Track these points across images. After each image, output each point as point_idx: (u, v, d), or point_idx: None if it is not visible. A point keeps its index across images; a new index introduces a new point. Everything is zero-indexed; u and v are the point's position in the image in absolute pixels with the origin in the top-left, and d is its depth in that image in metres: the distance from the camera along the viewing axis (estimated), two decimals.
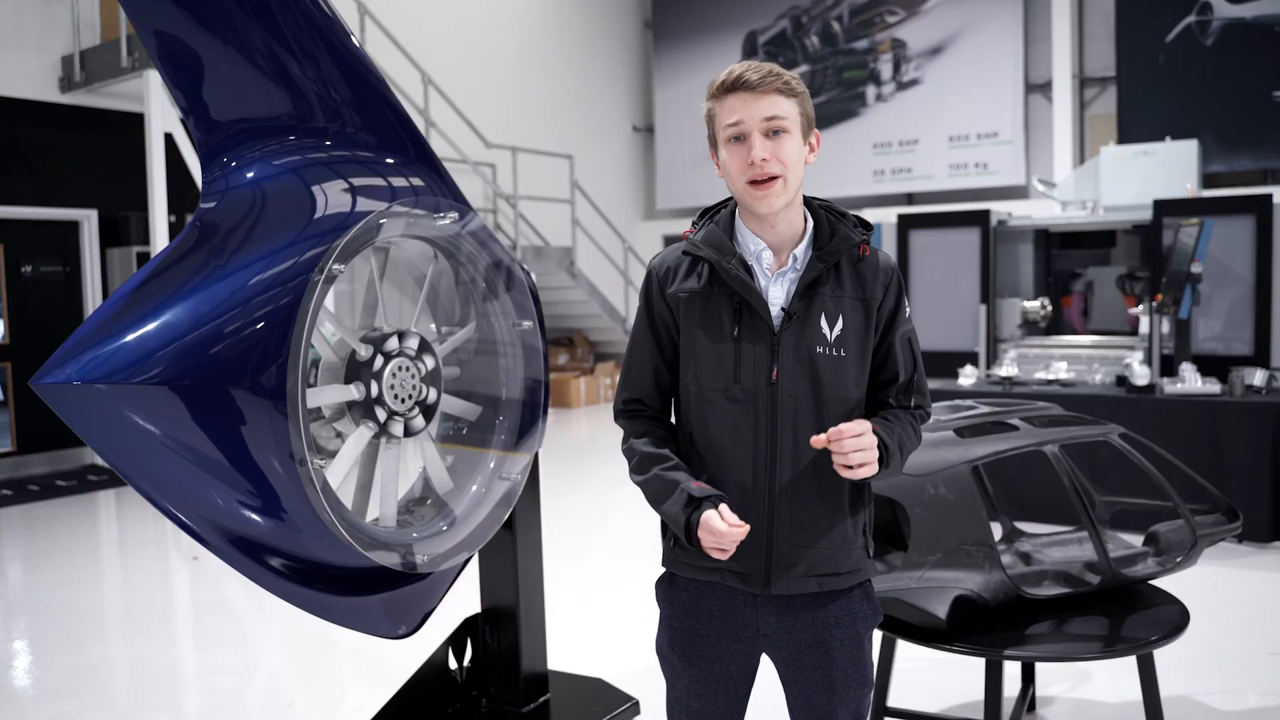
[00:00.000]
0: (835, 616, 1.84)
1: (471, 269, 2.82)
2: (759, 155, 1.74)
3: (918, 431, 1.89)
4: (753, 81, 1.74)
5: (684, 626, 1.88)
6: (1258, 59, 11.18)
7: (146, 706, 3.79)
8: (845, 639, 1.84)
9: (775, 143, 1.75)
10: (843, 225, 1.86)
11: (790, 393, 1.77)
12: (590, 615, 4.60)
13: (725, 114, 1.77)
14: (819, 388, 1.78)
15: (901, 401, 1.87)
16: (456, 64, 12.08)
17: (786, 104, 1.76)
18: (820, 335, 1.78)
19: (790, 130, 1.77)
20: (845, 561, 1.83)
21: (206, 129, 2.35)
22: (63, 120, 8.66)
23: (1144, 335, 7.33)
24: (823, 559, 1.81)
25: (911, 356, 1.88)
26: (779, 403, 1.77)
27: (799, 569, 1.80)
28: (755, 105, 1.74)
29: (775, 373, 1.77)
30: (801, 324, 1.78)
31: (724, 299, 1.81)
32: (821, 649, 1.84)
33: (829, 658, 1.84)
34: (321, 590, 2.39)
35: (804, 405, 1.78)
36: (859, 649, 1.87)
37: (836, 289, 1.81)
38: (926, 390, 1.91)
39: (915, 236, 8.34)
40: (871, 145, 13.77)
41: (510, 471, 2.87)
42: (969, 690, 3.57)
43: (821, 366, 1.78)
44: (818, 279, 1.80)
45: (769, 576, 1.80)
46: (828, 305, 1.79)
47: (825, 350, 1.78)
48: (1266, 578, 4.88)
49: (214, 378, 2.11)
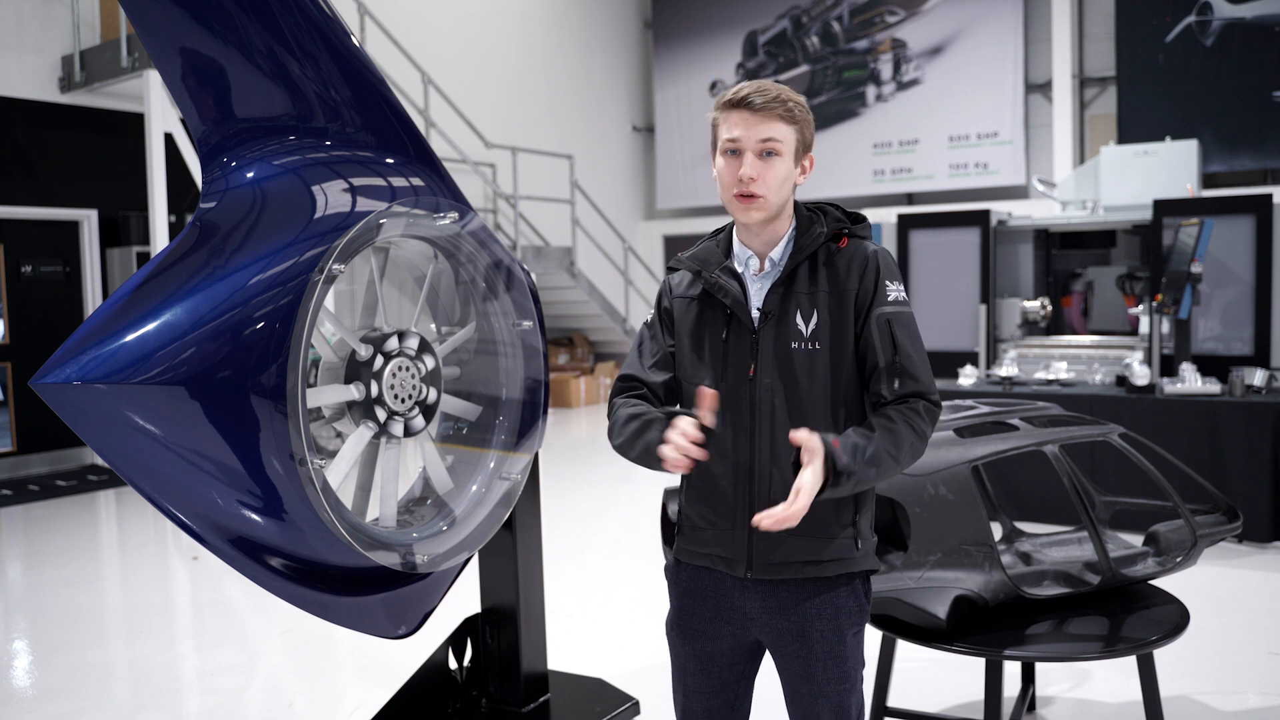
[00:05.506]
0: (817, 608, 1.90)
1: (471, 269, 2.82)
2: (747, 174, 1.84)
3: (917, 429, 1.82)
4: (756, 104, 1.84)
5: (684, 606, 2.01)
6: (1258, 59, 11.18)
7: (146, 706, 3.79)
8: (825, 631, 1.90)
9: (765, 164, 1.85)
10: (819, 221, 1.92)
11: (769, 389, 1.87)
12: (590, 615, 4.60)
13: (726, 128, 1.87)
14: (796, 382, 1.87)
15: (888, 389, 1.84)
16: (457, 64, 12.08)
17: (785, 129, 1.85)
18: (795, 331, 1.87)
19: (783, 154, 1.86)
20: (826, 550, 1.89)
21: (207, 129, 2.35)
22: (63, 120, 8.66)
23: (1144, 335, 7.34)
24: (801, 547, 1.87)
25: (891, 339, 1.85)
26: (758, 398, 1.87)
27: (777, 555, 1.88)
28: (755, 127, 1.84)
29: (753, 370, 1.87)
30: (777, 321, 1.88)
31: (716, 306, 1.94)
32: (802, 638, 1.91)
33: (809, 648, 1.91)
34: (321, 590, 2.40)
35: (780, 400, 1.87)
36: (839, 643, 1.91)
37: (812, 285, 1.89)
38: (921, 375, 1.85)
39: (915, 236, 8.34)
40: (871, 145, 13.77)
41: (510, 471, 2.87)
42: (969, 690, 3.57)
43: (797, 361, 1.87)
44: (792, 276, 1.90)
45: (750, 560, 1.89)
46: (802, 301, 1.88)
47: (800, 345, 1.87)
48: (1266, 578, 4.88)
49: (214, 378, 2.11)
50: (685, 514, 1.99)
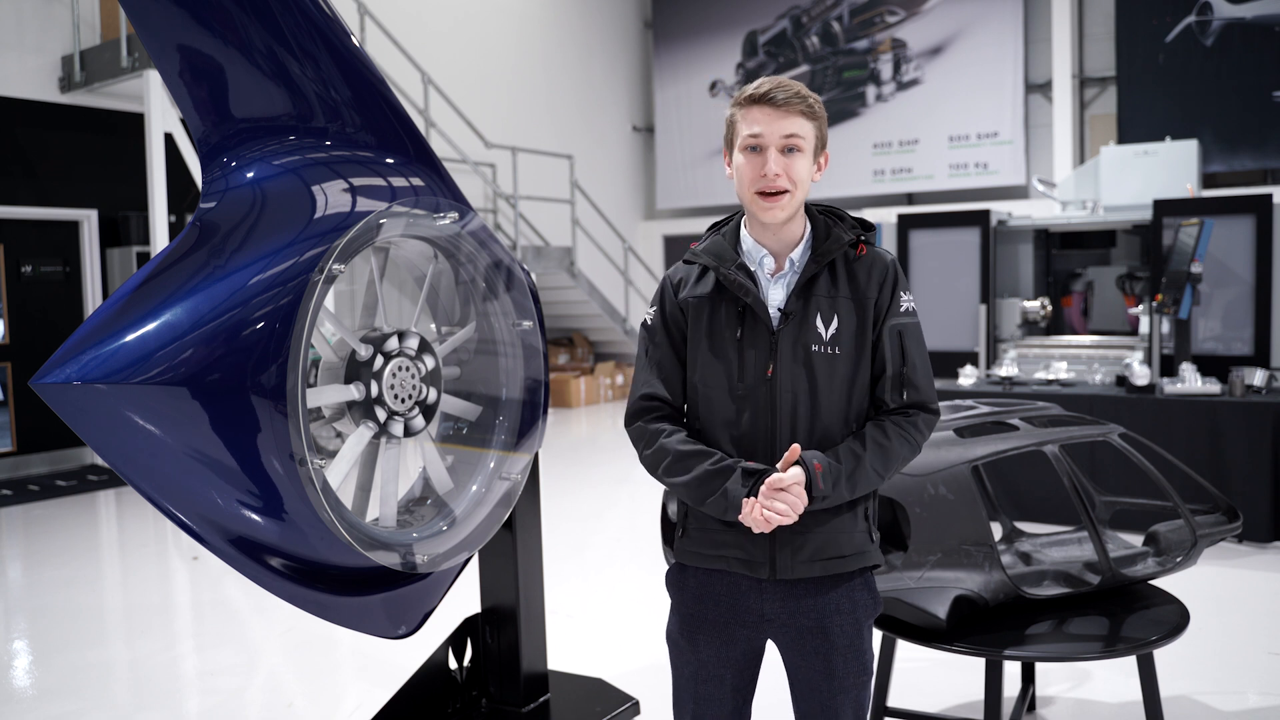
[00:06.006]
0: (836, 603, 1.91)
1: (471, 269, 2.82)
2: (773, 170, 1.84)
3: (909, 440, 1.90)
4: (779, 100, 1.84)
5: (693, 612, 1.97)
6: (1258, 59, 11.18)
7: (146, 706, 3.79)
8: (845, 625, 1.91)
9: (789, 160, 1.85)
10: (839, 227, 1.94)
11: (788, 389, 1.87)
12: (590, 615, 4.60)
13: (747, 124, 1.87)
14: (815, 384, 1.87)
15: (893, 398, 1.91)
16: (457, 64, 12.08)
17: (806, 125, 1.86)
18: (816, 334, 1.88)
19: (804, 150, 1.87)
20: (849, 544, 1.90)
21: (207, 129, 2.35)
22: (63, 120, 8.66)
23: (1144, 335, 7.34)
24: (826, 543, 1.88)
25: (901, 350, 1.91)
26: (778, 399, 1.87)
27: (804, 554, 1.87)
28: (778, 122, 1.84)
29: (771, 370, 1.87)
30: (798, 323, 1.88)
31: (729, 303, 1.91)
32: (822, 634, 1.90)
33: (830, 643, 1.90)
34: (321, 590, 2.40)
35: (802, 400, 1.87)
36: (859, 637, 1.93)
37: (832, 289, 1.90)
38: (924, 386, 1.93)
39: (915, 236, 8.34)
40: (871, 145, 13.77)
41: (510, 471, 2.87)
42: (969, 690, 3.57)
43: (818, 364, 1.87)
44: (813, 279, 1.90)
45: (774, 562, 1.88)
46: (823, 305, 1.89)
47: (821, 349, 1.87)
48: (1266, 578, 4.88)
49: (214, 378, 2.11)
50: (695, 516, 1.94)
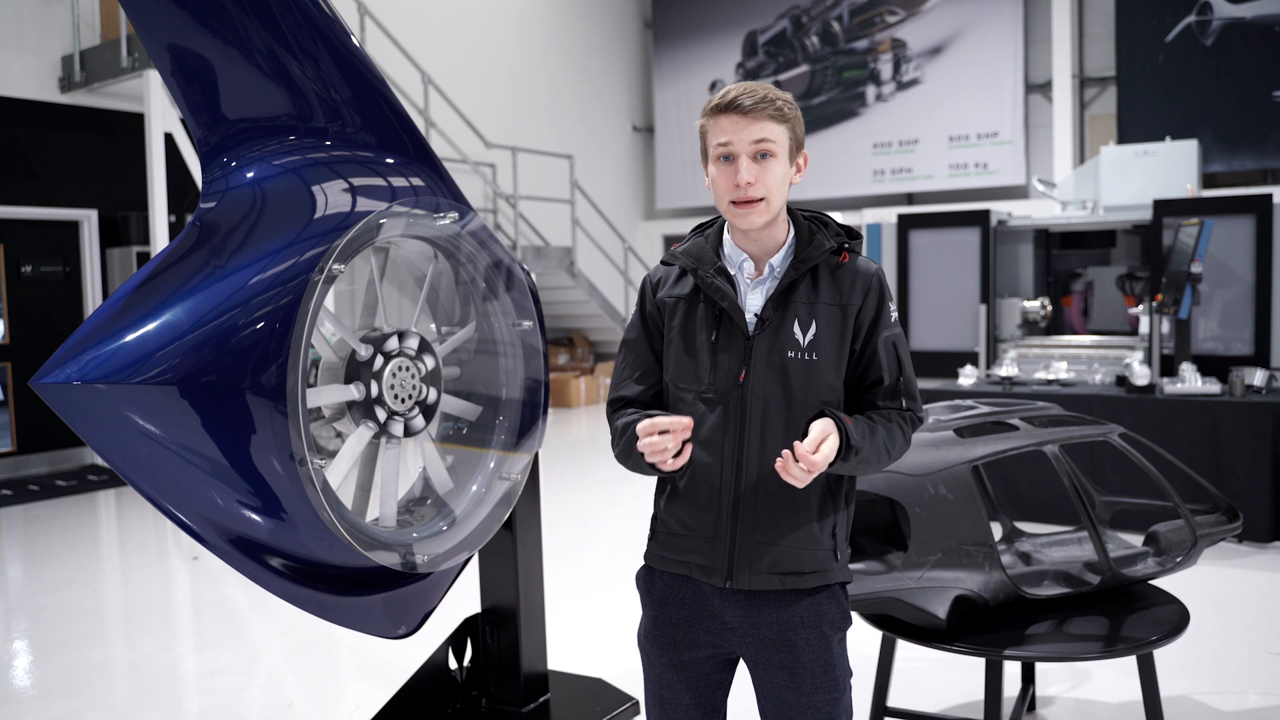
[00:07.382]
0: (801, 616, 1.87)
1: (471, 269, 2.82)
2: (744, 178, 1.80)
3: (905, 434, 1.91)
4: (745, 106, 1.80)
5: (659, 615, 1.96)
6: (1257, 59, 11.18)
7: (146, 706, 3.79)
8: (810, 639, 1.87)
9: (761, 166, 1.82)
10: (822, 234, 1.92)
11: (760, 395, 1.84)
12: (590, 615, 4.60)
13: (717, 133, 1.84)
14: (790, 391, 1.84)
15: (890, 404, 1.91)
16: (456, 64, 12.08)
17: (777, 129, 1.83)
18: (793, 340, 1.85)
19: (777, 154, 1.83)
20: (809, 561, 1.87)
21: (207, 129, 2.35)
22: (63, 120, 8.66)
23: (1144, 335, 7.34)
24: (785, 557, 1.85)
25: (896, 360, 1.91)
26: (748, 404, 1.84)
27: (761, 565, 1.85)
28: (746, 129, 1.81)
29: (743, 375, 1.84)
30: (775, 329, 1.85)
31: (706, 305, 1.90)
32: (787, 648, 1.87)
33: (795, 656, 1.87)
34: (321, 590, 2.40)
35: (774, 407, 1.84)
36: (826, 651, 1.89)
37: (812, 295, 1.87)
38: (916, 394, 1.94)
39: (915, 236, 8.34)
40: (871, 145, 13.77)
41: (510, 471, 2.87)
42: (969, 690, 3.57)
43: (793, 370, 1.84)
44: (793, 285, 1.87)
45: (731, 570, 1.86)
46: (801, 311, 1.86)
47: (797, 355, 1.85)
48: (1266, 578, 4.88)
49: (214, 378, 2.11)
50: (662, 519, 1.94)
